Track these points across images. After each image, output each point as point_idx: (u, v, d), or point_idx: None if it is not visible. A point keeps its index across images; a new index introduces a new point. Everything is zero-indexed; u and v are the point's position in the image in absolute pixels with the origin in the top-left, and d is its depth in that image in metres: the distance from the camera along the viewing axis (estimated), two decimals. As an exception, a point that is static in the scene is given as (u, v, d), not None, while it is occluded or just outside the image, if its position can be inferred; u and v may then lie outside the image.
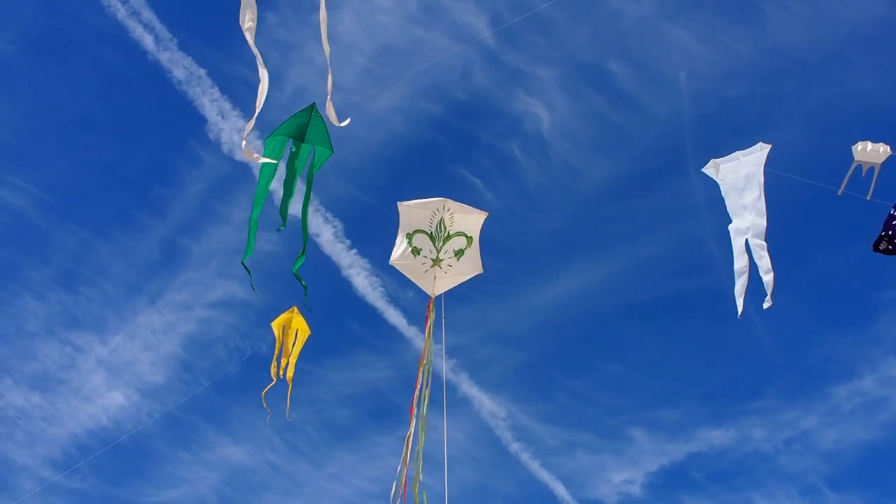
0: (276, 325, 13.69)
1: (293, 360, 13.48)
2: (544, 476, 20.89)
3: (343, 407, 22.53)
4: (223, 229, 22.33)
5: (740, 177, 11.29)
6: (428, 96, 22.74)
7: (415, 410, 11.52)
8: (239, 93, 21.13)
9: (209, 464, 21.79)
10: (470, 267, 12.03)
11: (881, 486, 21.34)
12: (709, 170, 11.70)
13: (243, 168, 21.15)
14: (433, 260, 11.98)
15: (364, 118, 22.60)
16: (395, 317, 20.29)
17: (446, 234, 11.94)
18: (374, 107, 22.60)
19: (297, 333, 13.61)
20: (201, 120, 20.84)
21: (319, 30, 9.19)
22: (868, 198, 10.46)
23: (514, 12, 21.79)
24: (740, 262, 11.09)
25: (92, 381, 21.59)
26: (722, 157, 11.64)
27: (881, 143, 10.43)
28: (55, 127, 22.00)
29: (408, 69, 22.55)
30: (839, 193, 10.62)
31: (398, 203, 12.01)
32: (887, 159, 10.42)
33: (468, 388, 21.48)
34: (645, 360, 23.22)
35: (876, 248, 10.41)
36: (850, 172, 10.57)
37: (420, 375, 11.66)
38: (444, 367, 12.12)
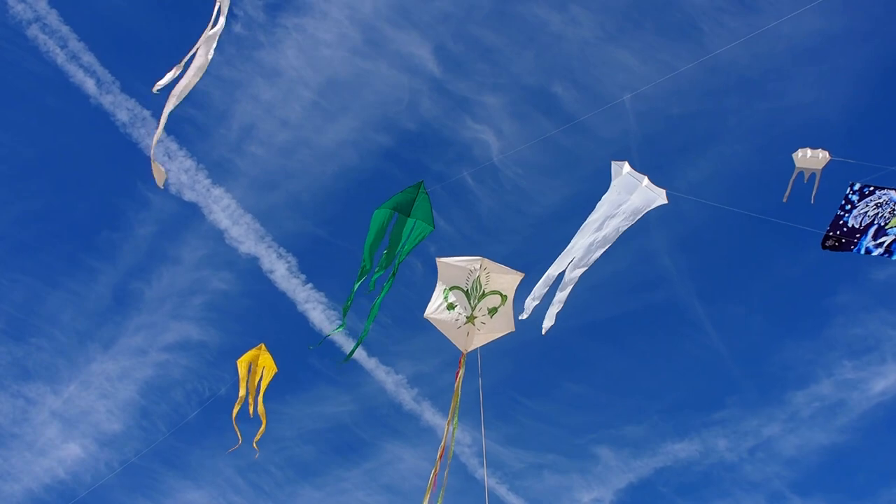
0: (241, 363, 13.56)
1: (260, 397, 13.36)
2: (512, 500, 20.82)
3: (306, 443, 22.27)
4: (174, 270, 22.09)
5: (625, 206, 11.40)
6: (377, 127, 22.82)
7: (443, 453, 11.57)
8: (185, 132, 20.99)
9: (171, 510, 21.32)
10: (503, 324, 12.15)
11: (844, 488, 21.69)
12: (615, 166, 11.64)
13: (192, 208, 20.99)
14: (467, 317, 12.10)
15: (314, 152, 22.63)
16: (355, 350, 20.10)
17: (481, 292, 12.07)
18: (323, 140, 22.62)
19: (262, 371, 13.50)
20: (147, 161, 20.56)
21: (264, 67, 9.08)
22: (811, 201, 10.70)
23: (458, 41, 22.05)
24: (553, 270, 11.53)
25: (46, 434, 21.07)
26: (635, 171, 11.64)
27: (820, 150, 10.67)
28: (1, 176, 21.63)
29: (355, 101, 22.64)
30: (784, 200, 10.85)
31: (437, 259, 12.14)
32: (827, 164, 10.65)
33: (431, 416, 21.37)
34: (606, 378, 23.35)
35: (823, 245, 10.62)
36: (792, 179, 10.83)
37: (448, 427, 11.82)
38: (483, 420, 12.06)
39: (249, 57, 21.32)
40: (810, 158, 10.62)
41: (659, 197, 11.25)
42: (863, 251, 10.35)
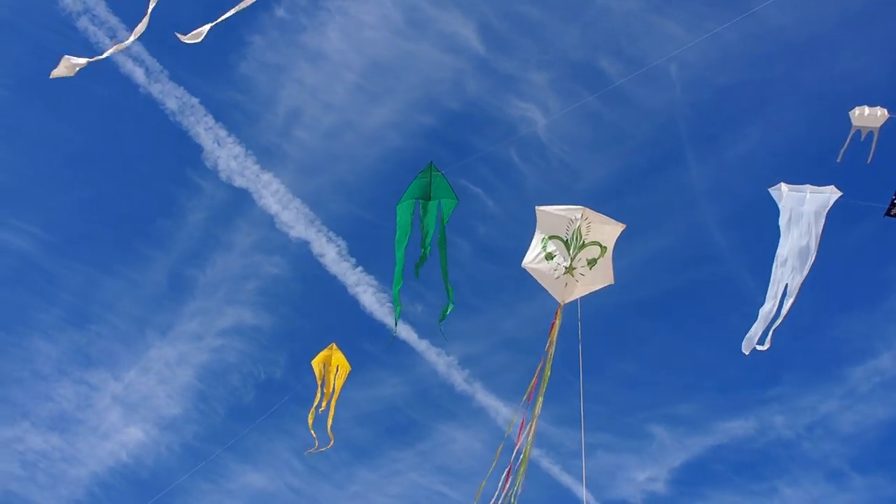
0: (316, 364, 13.72)
1: (335, 396, 13.54)
2: (566, 480, 20.73)
3: (361, 426, 22.44)
4: (227, 256, 22.41)
5: (802, 221, 11.10)
6: (421, 108, 22.81)
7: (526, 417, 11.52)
8: (233, 118, 21.22)
9: (231, 493, 21.71)
10: (602, 277, 11.80)
11: (906, 464, 21.17)
12: (775, 191, 11.43)
13: (243, 194, 21.24)
14: (566, 267, 11.77)
15: (359, 134, 22.71)
16: (405, 332, 20.21)
17: (581, 242, 11.73)
18: (368, 123, 22.68)
19: (337, 369, 13.66)
20: (198, 149, 20.94)
21: (307, 51, 9.02)
22: (869, 161, 10.43)
23: (502, 18, 21.91)
24: (769, 305, 11.05)
25: (109, 419, 21.58)
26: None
27: (878, 107, 10.39)
28: (53, 167, 22.14)
29: (399, 83, 22.65)
30: (838, 160, 10.59)
31: (536, 207, 11.90)
32: (886, 122, 10.37)
33: (483, 397, 21.40)
34: (658, 356, 23.12)
35: (889, 213, 10.35)
36: (849, 138, 10.54)
37: (537, 379, 11.62)
38: (581, 373, 11.95)
39: (293, 41, 21.45)
40: (868, 116, 10.33)
41: (831, 193, 10.92)
42: None
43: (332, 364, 13.71)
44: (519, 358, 23.07)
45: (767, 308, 11.05)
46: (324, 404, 13.48)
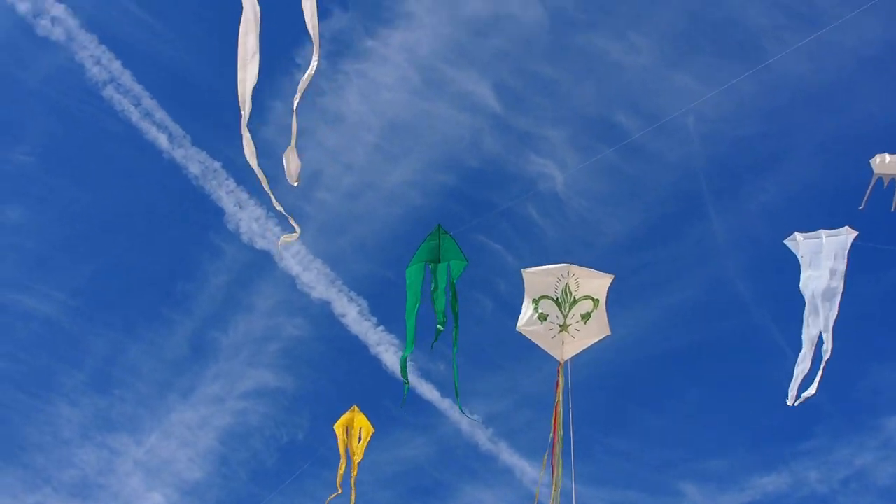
0: (338, 428, 13.54)
1: (359, 458, 13.38)
2: (596, 539, 20.25)
3: (384, 488, 22.07)
4: (249, 318, 22.45)
5: (822, 265, 11.08)
6: (440, 167, 22.98)
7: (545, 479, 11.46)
8: (254, 182, 21.20)
9: (253, 559, 21.39)
10: (598, 330, 11.78)
11: (947, 518, 20.51)
12: (790, 242, 11.47)
13: (264, 256, 21.36)
14: (560, 325, 11.75)
15: (380, 194, 22.87)
16: (428, 391, 20.01)
17: (572, 299, 11.74)
18: (388, 182, 22.86)
19: (360, 432, 13.52)
20: (219, 212, 21.16)
21: (327, 114, 9.13)
22: (893, 209, 10.36)
23: (517, 77, 22.18)
24: (805, 353, 11.02)
25: (131, 484, 21.40)
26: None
27: (899, 154, 10.35)
28: (78, 233, 22.43)
29: (418, 142, 22.87)
30: (861, 208, 10.52)
31: (522, 270, 11.91)
32: (908, 169, 10.32)
33: (508, 456, 21.07)
34: (687, 410, 22.74)
35: None
36: (871, 186, 10.49)
37: (553, 445, 11.57)
38: (572, 433, 11.84)
39: (313, 104, 21.68)
40: (889, 164, 10.27)
41: (847, 234, 10.96)
42: None
43: (354, 427, 13.55)
44: (544, 415, 22.51)
45: (803, 356, 10.99)
46: (346, 469, 13.29)
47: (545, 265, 11.79)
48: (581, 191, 22.45)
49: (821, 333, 10.87)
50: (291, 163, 8.65)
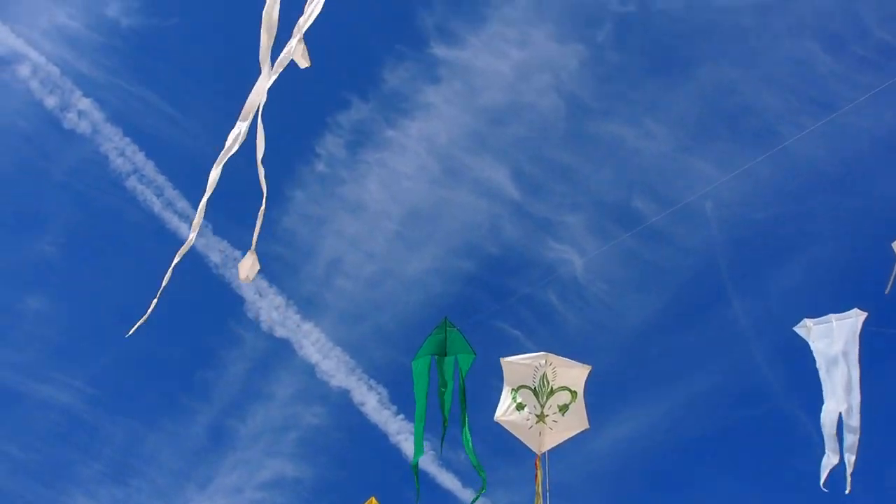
0: None
1: None
2: None
3: (404, 581, 21.52)
4: (268, 406, 22.27)
5: (834, 349, 11.07)
6: (460, 254, 23.05)
7: None
8: (275, 270, 21.60)
9: None
10: (576, 422, 11.69)
11: None
12: (801, 329, 11.52)
13: (284, 344, 21.34)
14: (537, 416, 11.66)
15: (400, 282, 22.92)
16: (449, 480, 19.58)
17: (549, 389, 11.65)
18: (408, 270, 22.93)
19: None
20: (239, 300, 21.26)
21: (348, 202, 9.12)
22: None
23: (534, 164, 22.42)
24: (829, 440, 10.93)
25: (146, 579, 20.98)
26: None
27: (922, 236, 10.30)
28: (98, 322, 22.52)
29: (437, 230, 23.01)
30: (886, 291, 10.41)
31: (501, 359, 11.89)
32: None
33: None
34: (713, 500, 22.09)
35: None
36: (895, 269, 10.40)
37: None
38: None
39: (333, 193, 22.09)
40: (911, 246, 10.23)
41: (856, 316, 11.01)
42: None
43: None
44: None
45: (829, 442, 10.84)
46: None
47: (524, 354, 11.79)
48: (601, 276, 22.40)
49: (843, 420, 10.69)
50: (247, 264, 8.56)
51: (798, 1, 21.16)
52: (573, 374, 11.62)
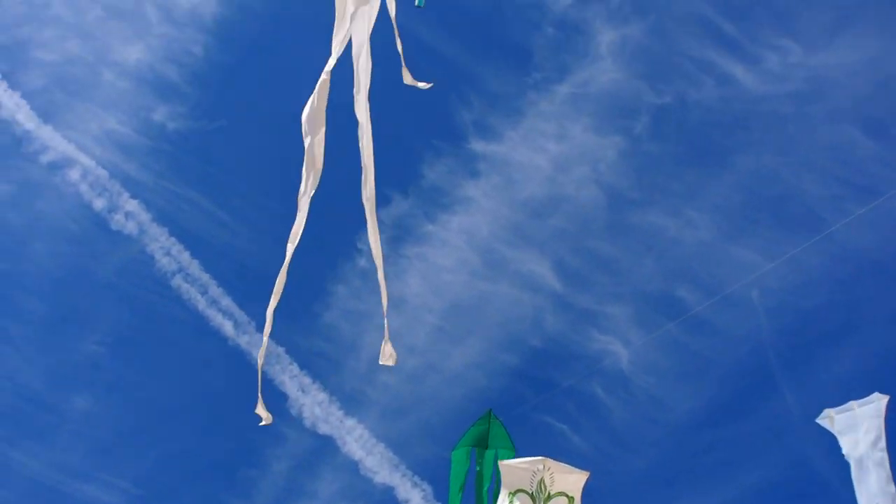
0: None
1: None
2: None
3: None
4: (312, 504, 21.98)
5: (859, 439, 10.83)
6: (503, 347, 22.88)
7: None
8: (318, 366, 21.63)
9: None
10: None
11: None
12: (823, 420, 11.32)
13: (327, 441, 21.17)
14: None
15: (442, 376, 22.76)
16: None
17: (547, 494, 11.35)
18: (451, 364, 22.79)
19: None
20: (282, 397, 21.24)
21: (389, 297, 9.27)
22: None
23: (575, 255, 22.41)
24: None
25: None
26: (835, 409, 11.25)
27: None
28: (143, 421, 22.57)
29: (479, 323, 22.94)
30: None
31: (499, 462, 11.78)
32: None
33: None
34: None
35: None
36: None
37: None
38: None
39: (375, 288, 22.10)
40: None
41: (878, 400, 10.82)
42: None
43: None
44: None
45: None
46: None
47: (523, 458, 11.52)
48: (646, 367, 22.03)
49: None
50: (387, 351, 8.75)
51: (835, 87, 21.26)
52: (571, 480, 11.42)
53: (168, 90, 22.57)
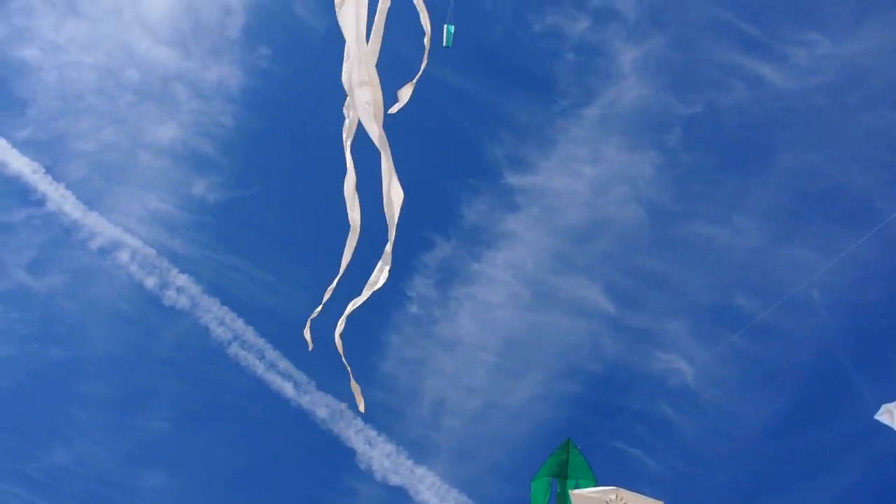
0: None
1: None
2: None
3: None
4: (388, 559, 21.73)
5: None
6: (564, 377, 22.57)
7: None
8: (381, 417, 21.49)
9: None
10: None
11: None
12: (882, 416, 11.03)
13: (400, 492, 20.97)
14: None
15: (506, 413, 22.47)
16: None
17: None
18: (512, 400, 22.52)
19: None
20: (350, 453, 21.15)
21: (443, 341, 9.21)
22: None
23: (626, 275, 22.10)
24: None
25: None
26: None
27: None
28: (214, 490, 22.60)
29: (537, 355, 22.68)
30: None
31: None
32: None
33: None
34: None
35: None
36: None
37: None
38: None
39: (428, 333, 22.09)
40: None
41: None
42: None
43: None
44: None
45: None
46: None
47: (595, 487, 11.55)
48: (713, 381, 21.52)
49: None
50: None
51: (868, 73, 20.87)
52: None
53: (203, 163, 23.01)
